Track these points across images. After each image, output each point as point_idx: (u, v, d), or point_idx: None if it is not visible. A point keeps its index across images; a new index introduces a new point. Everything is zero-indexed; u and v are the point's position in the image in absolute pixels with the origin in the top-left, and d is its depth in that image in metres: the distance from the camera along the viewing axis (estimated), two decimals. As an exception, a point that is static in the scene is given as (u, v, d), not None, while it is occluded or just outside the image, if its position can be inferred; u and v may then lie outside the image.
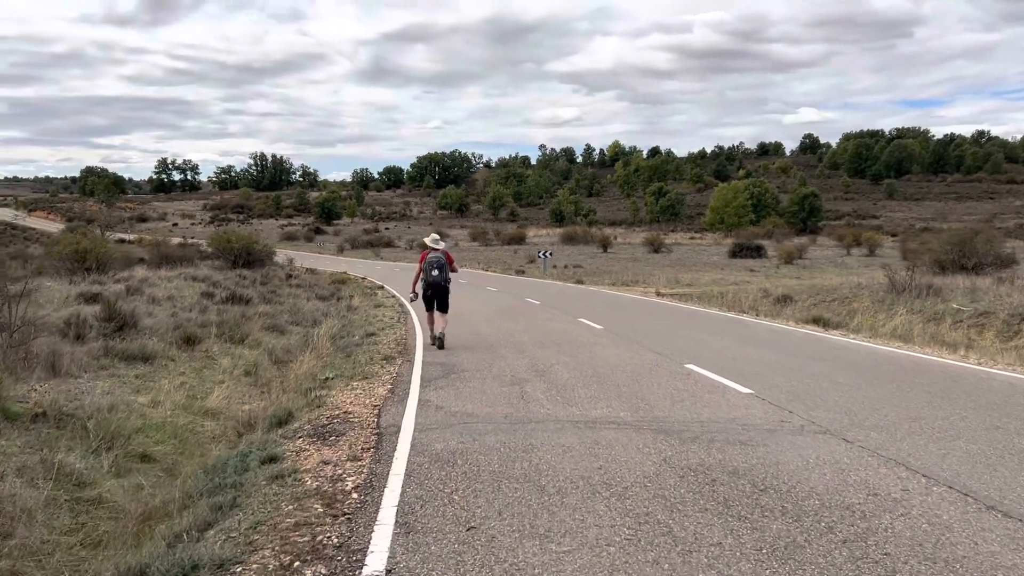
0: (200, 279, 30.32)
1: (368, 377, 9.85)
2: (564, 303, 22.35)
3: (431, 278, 12.57)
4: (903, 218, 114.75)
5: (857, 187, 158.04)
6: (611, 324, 16.03)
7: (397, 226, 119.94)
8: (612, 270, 46.46)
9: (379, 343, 13.41)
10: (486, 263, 56.54)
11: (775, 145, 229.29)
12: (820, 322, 17.84)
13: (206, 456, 7.88)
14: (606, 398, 8.08)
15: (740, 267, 51.49)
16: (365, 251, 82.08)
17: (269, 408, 9.47)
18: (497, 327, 15.67)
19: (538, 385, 8.90)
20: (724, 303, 22.92)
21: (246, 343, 15.16)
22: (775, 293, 23.18)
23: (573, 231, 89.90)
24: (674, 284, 32.95)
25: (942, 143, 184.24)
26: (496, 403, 7.90)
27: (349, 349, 13.04)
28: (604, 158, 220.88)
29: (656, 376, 9.45)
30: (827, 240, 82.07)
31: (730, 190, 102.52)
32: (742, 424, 6.87)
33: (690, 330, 15.11)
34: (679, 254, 67.31)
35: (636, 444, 6.19)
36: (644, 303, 22.82)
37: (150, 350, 11.93)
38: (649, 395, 8.21)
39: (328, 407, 8.16)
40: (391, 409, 7.76)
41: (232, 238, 41.20)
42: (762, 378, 9.22)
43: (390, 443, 6.42)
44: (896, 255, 63.72)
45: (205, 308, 19.77)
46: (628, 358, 11.05)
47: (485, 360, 11.01)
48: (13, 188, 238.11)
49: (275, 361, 13.87)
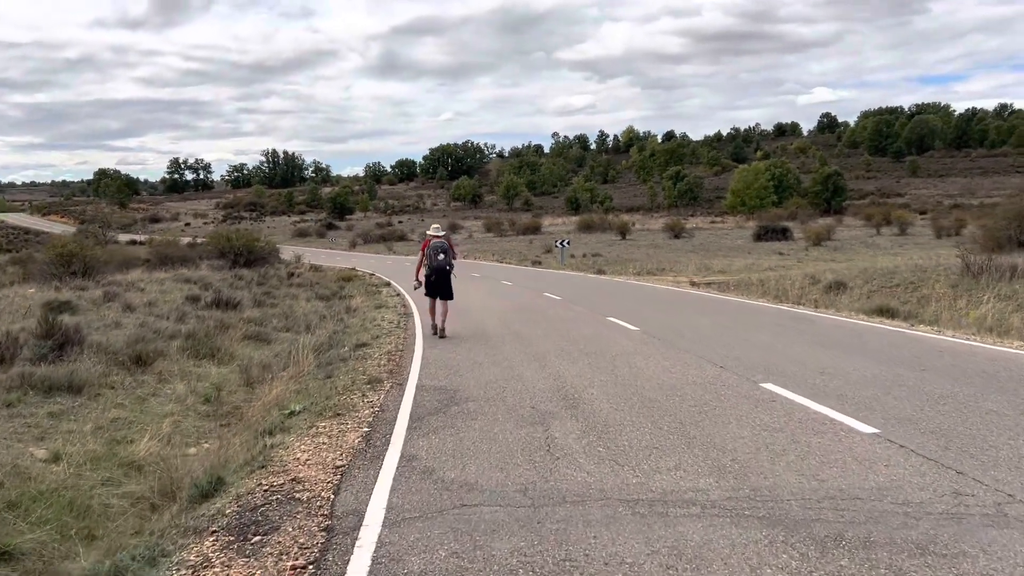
0: (194, 281, 28.11)
1: (342, 413, 7.42)
2: (588, 298, 19.83)
3: (435, 263, 12.35)
4: (929, 195, 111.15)
5: (878, 165, 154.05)
6: (648, 324, 13.52)
7: (410, 219, 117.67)
8: (634, 258, 43.84)
9: (369, 358, 10.99)
10: (501, 254, 54.04)
11: (792, 125, 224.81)
12: (888, 313, 15.29)
13: (108, 540, 5.55)
14: (671, 448, 5.62)
15: (767, 250, 48.67)
16: (377, 245, 79.89)
17: (208, 459, 7.10)
18: (513, 331, 13.21)
19: (569, 424, 6.46)
20: (768, 292, 20.35)
21: (217, 358, 12.82)
22: (824, 279, 20.56)
23: (590, 219, 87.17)
24: (705, 271, 30.29)
25: (964, 118, 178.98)
26: (511, 461, 5.45)
27: (333, 366, 10.66)
28: (619, 144, 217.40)
29: (729, 404, 6.97)
30: (853, 220, 78.81)
31: (751, 172, 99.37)
32: (896, 501, 4.38)
33: (745, 329, 12.57)
34: (701, 239, 64.49)
35: (742, 554, 3.73)
36: (679, 295, 20.26)
37: (81, 377, 9.57)
38: (731, 441, 5.74)
39: (274, 468, 5.76)
40: (358, 476, 5.34)
41: (232, 236, 39.06)
42: (877, 405, 6.72)
43: (340, 554, 4.00)
44: (928, 233, 60.67)
45: (184, 315, 17.47)
46: (682, 374, 8.57)
47: (497, 380, 8.57)
48: (31, 193, 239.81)
49: (247, 382, 11.53)
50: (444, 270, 12.33)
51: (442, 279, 12.38)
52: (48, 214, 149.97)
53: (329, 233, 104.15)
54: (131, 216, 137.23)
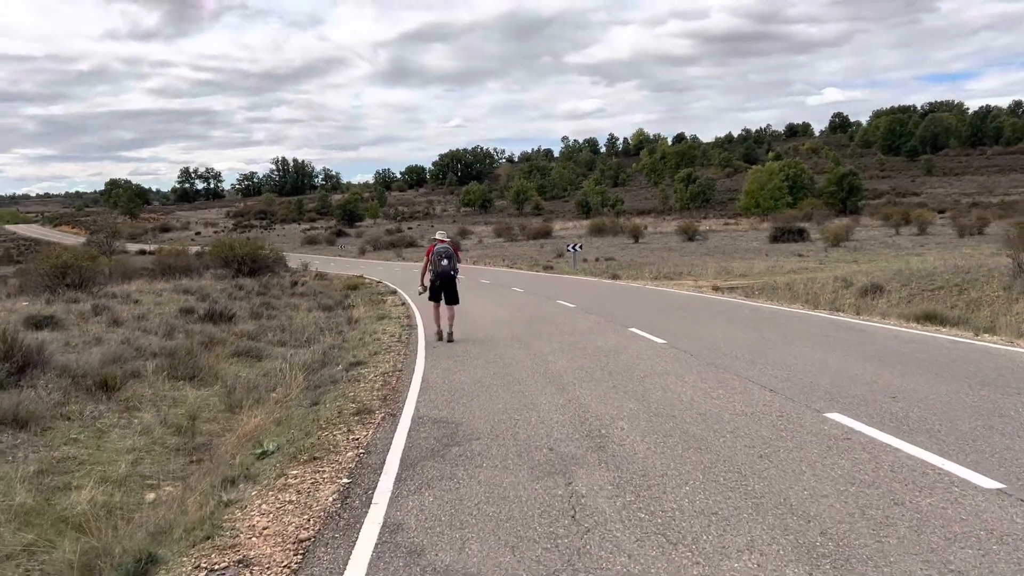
0: (192, 291, 26.96)
1: (319, 456, 6.14)
2: (605, 306, 18.49)
3: (440, 268, 12.61)
4: (945, 194, 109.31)
5: (892, 164, 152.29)
6: (676, 336, 12.18)
7: (420, 225, 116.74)
8: (649, 262, 42.45)
9: (363, 380, 9.72)
10: (511, 260, 52.78)
11: (803, 126, 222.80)
12: (936, 319, 13.91)
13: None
14: (734, 513, 4.30)
15: (785, 252, 47.15)
16: (387, 252, 78.81)
17: (162, 512, 5.84)
18: (524, 345, 11.91)
19: (597, 474, 5.14)
20: (797, 297, 18.96)
21: (199, 378, 11.57)
22: (857, 282, 19.12)
23: (601, 222, 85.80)
24: (725, 275, 28.87)
25: (979, 116, 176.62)
26: (525, 535, 4.15)
27: (322, 389, 9.41)
28: (628, 147, 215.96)
29: (794, 444, 5.64)
30: (870, 220, 77.02)
31: (764, 172, 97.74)
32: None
33: (787, 342, 11.21)
34: (715, 241, 63.01)
35: None
36: (704, 302, 18.86)
37: (28, 409, 8.32)
38: (811, 502, 4.40)
39: (221, 540, 4.48)
40: (324, 557, 4.05)
41: (236, 245, 37.94)
42: (983, 444, 5.37)
43: None
44: (949, 232, 58.91)
45: (173, 330, 16.25)
46: (726, 400, 7.24)
47: (507, 409, 7.28)
48: (45, 204, 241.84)
49: (229, 406, 10.29)
50: (448, 275, 12.64)
51: (447, 284, 12.67)
52: (59, 225, 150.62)
53: (339, 240, 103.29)
54: (141, 226, 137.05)
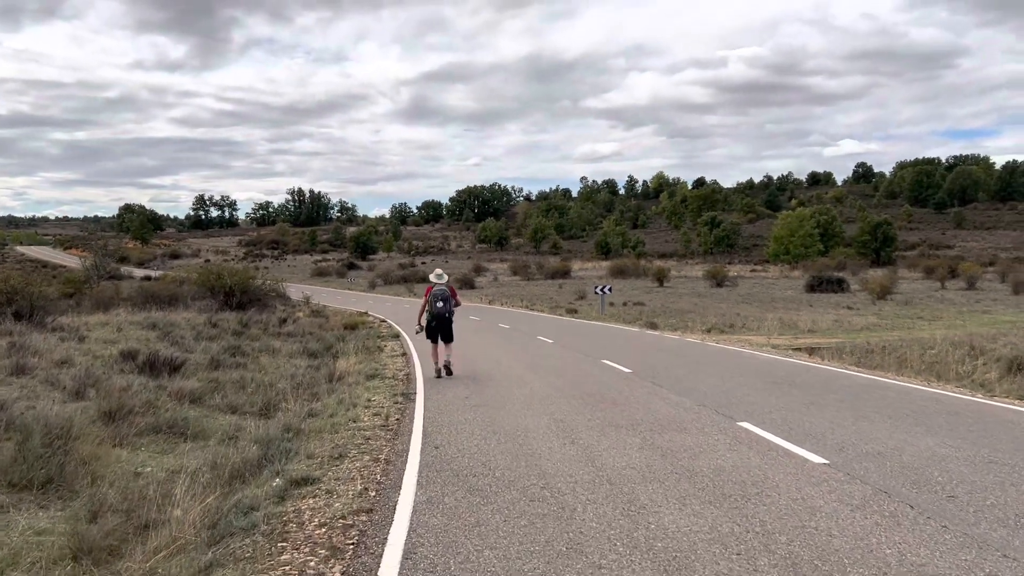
0: (160, 326, 23.03)
1: None
2: (672, 372, 13.96)
3: (436, 310, 13.24)
4: (981, 247, 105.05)
5: (920, 216, 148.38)
6: (828, 445, 7.83)
7: (435, 260, 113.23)
8: (684, 309, 38.28)
9: (292, 533, 5.63)
10: (530, 300, 48.71)
11: (826, 175, 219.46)
12: None
13: None
14: None
15: (828, 303, 42.89)
16: (398, 287, 75.13)
17: None
18: (581, 449, 7.73)
19: None
20: (905, 364, 14.78)
21: (57, 486, 7.30)
22: (991, 350, 14.83)
23: (623, 263, 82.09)
24: (792, 330, 24.60)
25: (1007, 170, 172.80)
26: None
27: (225, 545, 5.33)
28: (648, 189, 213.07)
29: None
30: (907, 272, 72.53)
31: (795, 218, 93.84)
32: None
33: (999, 462, 7.03)
34: (746, 288, 58.81)
35: None
36: (808, 372, 13.80)
37: None
38: None
39: None
40: None
41: (224, 273, 34.17)
42: None
43: None
44: (1001, 288, 54.50)
45: (95, 383, 12.17)
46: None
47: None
48: (63, 227, 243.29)
49: (74, 553, 6.04)
50: (444, 316, 13.26)
51: (442, 324, 13.31)
52: (69, 248, 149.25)
53: (349, 273, 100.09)
54: (151, 252, 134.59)
